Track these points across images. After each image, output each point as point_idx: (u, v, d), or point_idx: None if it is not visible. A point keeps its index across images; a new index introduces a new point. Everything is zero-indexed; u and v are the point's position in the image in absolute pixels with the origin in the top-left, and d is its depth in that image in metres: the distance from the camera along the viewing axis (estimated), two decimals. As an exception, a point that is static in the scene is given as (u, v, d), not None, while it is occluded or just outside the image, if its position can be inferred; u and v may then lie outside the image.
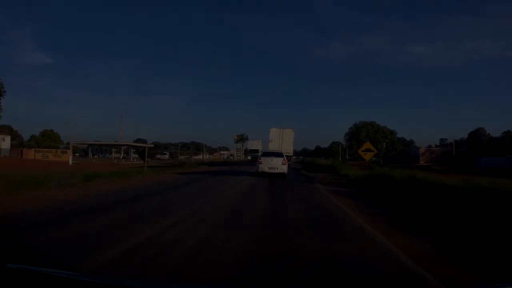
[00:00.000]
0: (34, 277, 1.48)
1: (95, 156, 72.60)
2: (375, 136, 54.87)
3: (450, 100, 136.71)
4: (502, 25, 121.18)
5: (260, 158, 18.79)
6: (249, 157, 59.38)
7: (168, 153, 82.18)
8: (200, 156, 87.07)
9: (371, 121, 60.10)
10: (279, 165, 17.95)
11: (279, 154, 18.97)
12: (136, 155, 70.09)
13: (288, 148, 31.56)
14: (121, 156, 72.15)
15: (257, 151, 50.85)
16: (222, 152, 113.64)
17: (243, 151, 78.27)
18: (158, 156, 79.09)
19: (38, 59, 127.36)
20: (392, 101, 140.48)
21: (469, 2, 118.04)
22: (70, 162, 40.42)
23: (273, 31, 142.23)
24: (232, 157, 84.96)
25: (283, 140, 32.30)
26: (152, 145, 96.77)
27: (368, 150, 18.33)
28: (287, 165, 18.74)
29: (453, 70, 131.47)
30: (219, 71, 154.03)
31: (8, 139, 59.88)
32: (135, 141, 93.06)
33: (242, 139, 79.70)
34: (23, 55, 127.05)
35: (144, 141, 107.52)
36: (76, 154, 75.50)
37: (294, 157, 49.65)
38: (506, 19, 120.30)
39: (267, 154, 19.35)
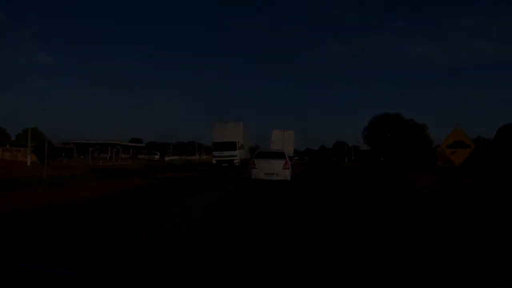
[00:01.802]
0: (35, 276, 1.50)
1: (81, 157, 66.12)
2: (401, 131, 45.00)
3: (457, 98, 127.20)
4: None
5: (253, 161, 15.25)
6: (213, 161, 30.92)
7: (158, 153, 76.18)
8: (197, 157, 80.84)
9: (396, 113, 49.02)
10: (279, 170, 14.81)
11: (279, 155, 15.89)
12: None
13: (290, 149, 32.73)
14: (108, 156, 66.37)
15: (231, 145, 29.53)
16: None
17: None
18: (142, 156, 74.05)
19: (36, 59, 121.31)
20: (394, 101, 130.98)
21: None
22: (29, 163, 34.60)
23: (275, 30, 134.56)
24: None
25: (285, 141, 33.77)
26: (144, 145, 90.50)
27: (459, 144, 10.08)
28: (290, 169, 15.38)
29: (454, 68, 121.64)
30: (220, 70, 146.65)
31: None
32: (130, 141, 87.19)
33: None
34: (22, 55, 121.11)
35: (139, 141, 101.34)
36: (62, 154, 69.26)
37: (295, 158, 51.32)
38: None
39: (264, 154, 16.29)
